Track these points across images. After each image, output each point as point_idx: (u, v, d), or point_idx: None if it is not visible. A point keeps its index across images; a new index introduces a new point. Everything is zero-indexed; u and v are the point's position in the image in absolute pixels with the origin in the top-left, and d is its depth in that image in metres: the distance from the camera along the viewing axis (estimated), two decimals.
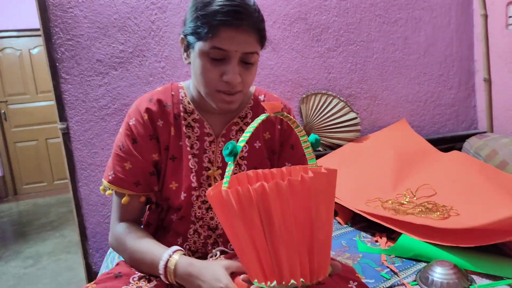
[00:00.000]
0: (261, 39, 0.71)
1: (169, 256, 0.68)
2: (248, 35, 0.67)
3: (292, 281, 0.48)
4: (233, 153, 0.52)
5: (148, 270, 0.74)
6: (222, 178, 0.81)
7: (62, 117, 1.36)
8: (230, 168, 0.52)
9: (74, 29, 1.36)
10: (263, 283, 0.50)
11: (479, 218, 1.01)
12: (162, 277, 0.68)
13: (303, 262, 0.49)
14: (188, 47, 0.74)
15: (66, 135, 1.36)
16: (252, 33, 0.68)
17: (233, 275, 0.64)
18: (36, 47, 3.86)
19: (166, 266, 0.67)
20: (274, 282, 0.49)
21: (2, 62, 3.80)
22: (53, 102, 1.32)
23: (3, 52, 3.80)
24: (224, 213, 0.50)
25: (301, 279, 0.49)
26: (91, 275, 1.41)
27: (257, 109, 0.84)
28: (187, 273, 0.65)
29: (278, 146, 0.85)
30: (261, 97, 0.85)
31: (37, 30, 3.65)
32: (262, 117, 0.55)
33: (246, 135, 0.53)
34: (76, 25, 1.36)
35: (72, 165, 1.38)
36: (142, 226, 0.84)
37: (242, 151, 0.81)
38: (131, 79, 1.44)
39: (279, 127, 0.84)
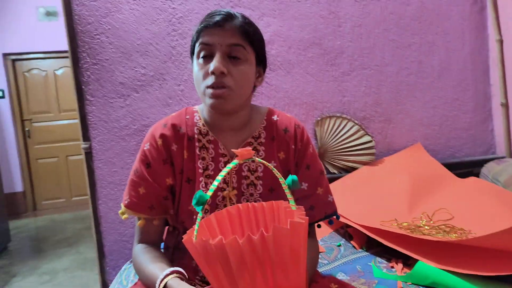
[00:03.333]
0: (247, 35, 0.75)
1: (161, 280, 0.68)
2: (232, 31, 0.73)
3: None
4: (200, 202, 0.56)
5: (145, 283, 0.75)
6: (238, 198, 0.83)
7: (86, 137, 1.42)
8: (199, 216, 0.57)
9: (100, 54, 1.44)
10: None
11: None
12: None
13: None
14: (192, 64, 0.80)
15: (88, 154, 1.41)
16: (236, 29, 0.74)
17: None
18: (60, 68, 4.04)
19: (159, 286, 0.68)
20: None
21: (28, 82, 3.99)
22: (75, 121, 1.39)
23: (30, 72, 3.99)
24: (196, 257, 0.55)
25: None
26: None
27: (271, 129, 0.85)
28: None
29: (293, 166, 0.85)
30: (275, 117, 0.86)
31: (62, 52, 3.83)
32: (232, 164, 0.58)
33: (215, 183, 0.57)
34: (102, 50, 1.44)
35: (93, 183, 1.43)
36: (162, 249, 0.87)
37: (257, 171, 0.82)
38: (151, 101, 1.50)
39: (293, 146, 0.84)
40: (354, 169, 1.68)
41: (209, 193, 0.57)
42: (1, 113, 3.85)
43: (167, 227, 0.89)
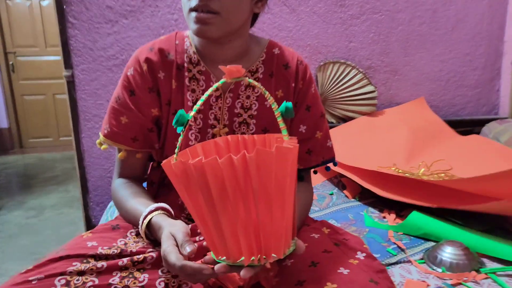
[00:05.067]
0: None
1: (145, 217, 0.64)
2: None
3: (241, 258, 0.47)
4: (179, 122, 0.50)
5: (127, 218, 0.71)
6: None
7: (68, 64, 1.30)
8: (180, 138, 0.51)
9: None
10: (217, 257, 0.50)
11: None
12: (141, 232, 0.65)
13: (249, 240, 0.47)
14: None
15: (71, 83, 1.31)
16: None
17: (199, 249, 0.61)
18: None
19: (142, 223, 0.63)
20: (224, 258, 0.49)
21: (12, 12, 3.71)
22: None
23: (13, 1, 3.70)
24: (175, 184, 0.50)
25: (252, 258, 0.47)
26: (90, 228, 1.40)
27: (270, 63, 0.76)
28: (157, 226, 0.62)
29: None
30: (275, 50, 0.77)
31: None
32: (219, 83, 0.50)
33: (198, 103, 0.50)
34: None
35: (76, 115, 1.34)
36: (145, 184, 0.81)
37: (251, 109, 0.75)
38: (141, 30, 1.37)
39: (293, 84, 0.76)
40: (353, 119, 1.61)
41: (191, 113, 0.50)
42: None
43: (151, 163, 0.83)
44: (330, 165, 0.83)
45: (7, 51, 3.77)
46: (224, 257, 0.48)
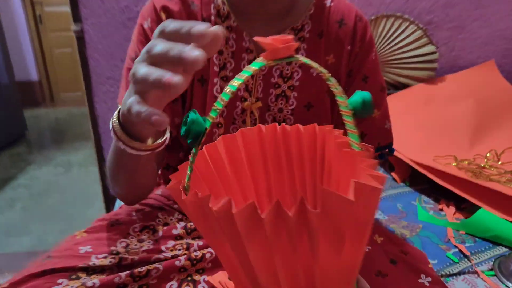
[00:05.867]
0: None
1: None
2: None
3: None
4: (192, 134, 0.30)
5: (117, 168, 0.55)
6: (262, 114, 0.60)
7: (76, 17, 1.13)
8: (193, 154, 0.32)
9: None
10: None
11: None
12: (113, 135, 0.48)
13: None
14: None
15: (81, 40, 1.15)
16: None
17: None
18: None
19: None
20: None
21: None
22: None
23: None
24: (188, 215, 0.35)
25: None
26: (108, 198, 1.32)
27: (320, 19, 0.60)
28: None
29: (344, 75, 0.62)
30: (328, 2, 0.61)
31: None
32: (256, 65, 0.31)
33: (227, 91, 0.31)
34: None
35: (88, 77, 1.20)
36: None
37: (292, 78, 0.59)
38: None
39: (349, 47, 0.60)
40: (407, 86, 1.38)
41: (211, 117, 0.31)
42: None
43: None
44: (386, 152, 0.68)
45: (34, 1, 3.66)
46: None
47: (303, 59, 0.32)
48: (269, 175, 0.44)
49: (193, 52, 0.31)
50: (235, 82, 0.31)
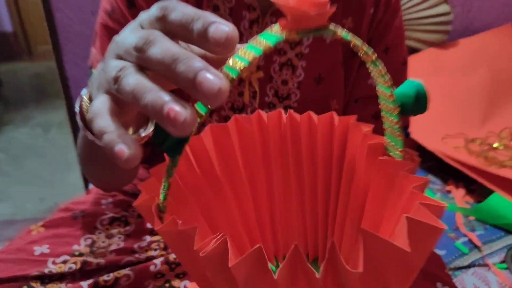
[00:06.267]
0: None
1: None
2: None
3: None
4: (168, 143, 0.21)
5: (89, 160, 0.47)
6: (263, 86, 0.51)
7: None
8: (170, 167, 0.22)
9: None
10: None
11: None
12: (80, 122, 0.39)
13: None
14: None
15: None
16: None
17: None
18: None
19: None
20: None
21: None
22: None
23: None
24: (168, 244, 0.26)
25: None
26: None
27: None
28: None
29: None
30: None
31: None
32: (273, 38, 0.20)
33: (224, 70, 0.20)
34: None
35: (55, 33, 1.04)
36: None
37: (301, 44, 0.50)
38: None
39: (371, 11, 0.50)
40: (416, 51, 1.26)
41: (199, 115, 0.20)
42: None
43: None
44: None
45: None
46: None
47: (342, 33, 0.21)
48: (271, 178, 0.34)
49: (217, 79, 0.18)
50: (237, 63, 0.19)
